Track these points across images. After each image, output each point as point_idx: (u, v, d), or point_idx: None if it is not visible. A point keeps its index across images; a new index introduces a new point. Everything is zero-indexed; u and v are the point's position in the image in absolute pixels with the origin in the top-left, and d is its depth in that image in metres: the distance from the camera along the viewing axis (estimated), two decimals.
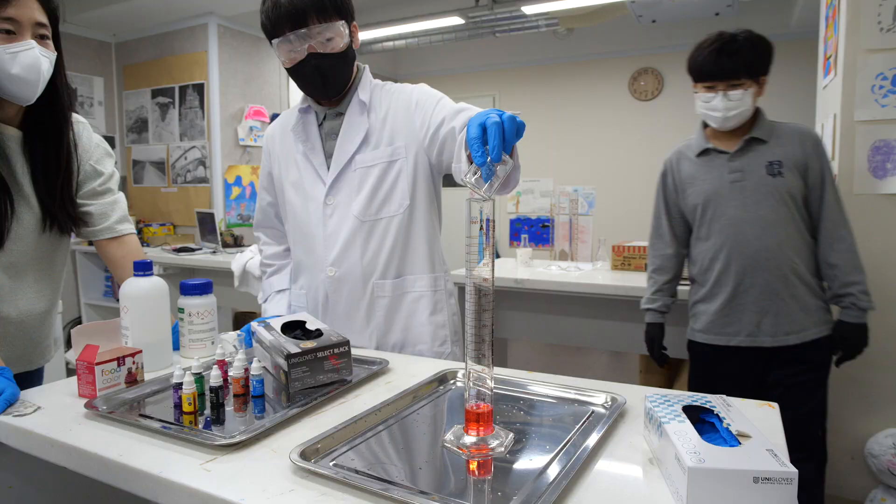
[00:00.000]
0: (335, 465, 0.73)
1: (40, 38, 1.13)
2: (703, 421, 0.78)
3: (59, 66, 1.20)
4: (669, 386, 2.86)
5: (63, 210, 1.22)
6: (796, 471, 0.60)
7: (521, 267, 2.82)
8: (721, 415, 0.74)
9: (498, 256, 5.85)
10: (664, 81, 4.97)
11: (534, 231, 5.94)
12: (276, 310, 1.41)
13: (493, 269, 0.79)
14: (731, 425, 0.70)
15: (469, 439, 0.78)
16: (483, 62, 5.71)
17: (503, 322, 2.82)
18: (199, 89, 4.13)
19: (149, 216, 4.51)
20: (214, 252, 3.64)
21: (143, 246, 4.07)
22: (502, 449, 0.78)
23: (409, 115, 1.29)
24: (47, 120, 1.20)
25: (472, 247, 0.80)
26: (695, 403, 0.78)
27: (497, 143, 0.75)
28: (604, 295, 2.32)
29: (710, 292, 1.73)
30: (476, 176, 0.77)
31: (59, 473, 0.83)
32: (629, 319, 2.44)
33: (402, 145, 1.29)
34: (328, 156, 1.31)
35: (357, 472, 0.71)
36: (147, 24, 4.27)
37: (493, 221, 0.79)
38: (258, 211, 1.50)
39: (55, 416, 0.90)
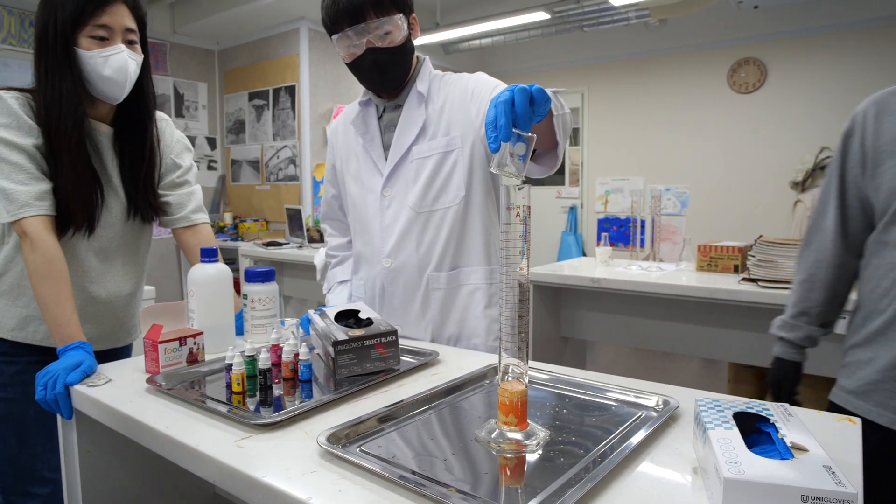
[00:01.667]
0: (361, 450, 0.73)
1: (129, 43, 1.22)
2: (761, 431, 0.70)
3: (145, 68, 1.28)
4: (761, 398, 2.65)
5: (145, 200, 1.31)
6: (856, 492, 0.52)
7: (600, 266, 2.72)
8: (777, 424, 0.66)
9: (584, 255, 5.70)
10: (767, 72, 4.62)
11: (623, 231, 5.73)
12: (337, 300, 1.44)
13: (527, 259, 0.76)
14: (787, 437, 0.63)
15: (501, 434, 0.76)
16: (571, 58, 5.57)
17: (580, 323, 2.73)
18: (291, 91, 4.34)
19: (244, 212, 4.80)
20: (301, 247, 3.81)
21: (238, 240, 4.33)
22: (535, 446, 0.74)
23: (465, 104, 1.28)
24: (134, 117, 1.30)
25: (509, 234, 0.77)
26: (750, 410, 0.70)
27: (504, 121, 0.71)
28: (686, 297, 2.18)
29: (886, 332, 1.08)
30: (498, 163, 0.74)
31: (127, 441, 0.89)
32: (714, 324, 2.28)
33: (459, 135, 1.28)
34: (386, 148, 1.33)
35: (381, 459, 0.71)
36: (245, 32, 4.55)
37: (529, 208, 0.75)
38: (323, 203, 1.55)
39: (121, 389, 0.96)
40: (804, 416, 0.83)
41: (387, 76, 1.27)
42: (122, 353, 1.39)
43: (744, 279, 2.10)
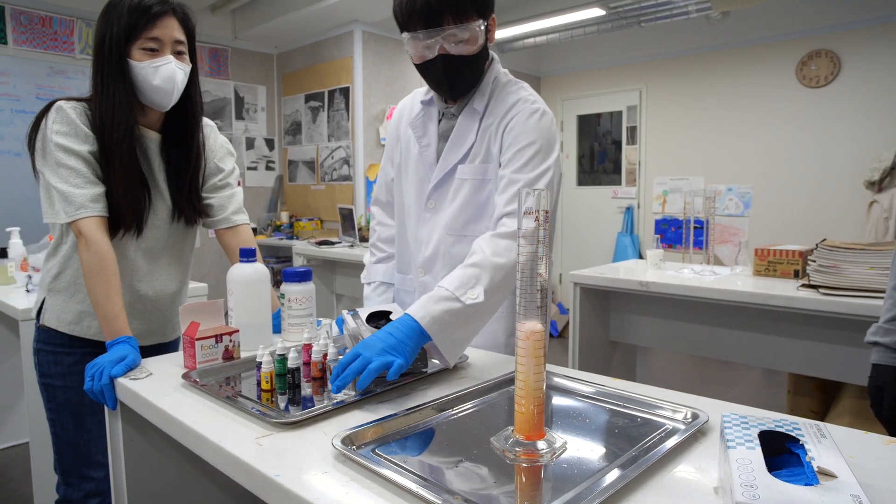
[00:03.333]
0: (375, 453, 0.74)
1: (178, 54, 1.28)
2: (792, 452, 0.66)
3: (192, 77, 1.34)
4: (824, 413, 2.49)
5: (189, 203, 1.37)
6: None
7: (651, 269, 2.63)
8: (807, 446, 0.62)
9: (640, 257, 5.53)
10: (841, 64, 4.34)
11: (681, 232, 5.54)
12: (376, 300, 1.44)
13: (546, 264, 0.74)
14: (815, 460, 0.59)
15: (516, 443, 0.74)
16: (628, 54, 5.42)
17: (630, 327, 2.65)
18: (346, 93, 4.43)
19: (300, 212, 4.93)
20: (352, 246, 3.88)
21: (293, 239, 4.46)
22: (550, 456, 0.73)
23: (500, 135, 1.22)
24: (181, 124, 1.36)
25: (525, 240, 0.75)
26: (779, 429, 0.66)
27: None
28: (739, 303, 2.08)
29: None
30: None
31: (166, 433, 0.94)
32: (771, 332, 2.17)
33: (494, 166, 1.23)
34: (439, 156, 1.29)
35: (392, 462, 0.71)
36: (302, 35, 4.67)
37: (548, 213, 0.74)
38: (380, 186, 1.48)
39: (160, 382, 1.01)
40: (848, 437, 0.78)
41: (455, 86, 1.21)
42: (169, 347, 1.45)
43: (803, 285, 1.99)
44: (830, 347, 2.04)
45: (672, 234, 5.55)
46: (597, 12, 4.38)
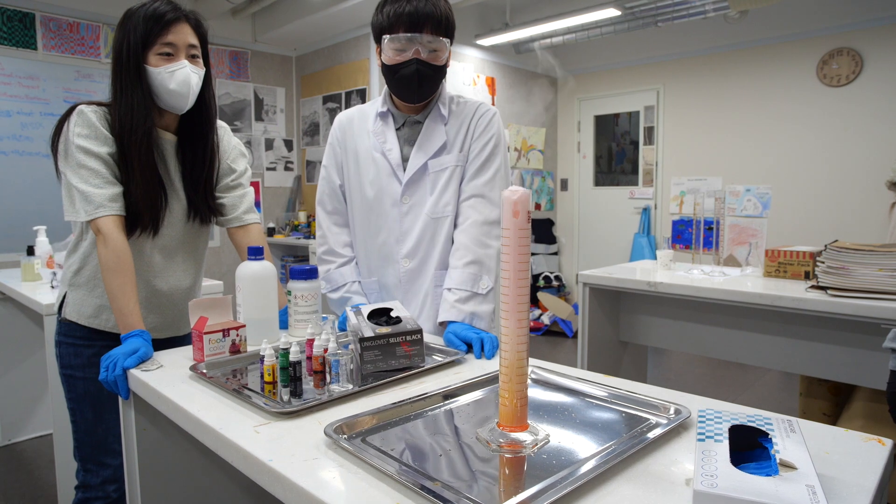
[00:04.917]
0: (364, 442, 0.77)
1: (192, 58, 1.33)
2: (763, 446, 0.68)
3: (207, 81, 1.39)
4: (836, 416, 2.47)
5: (204, 203, 1.42)
6: None
7: (661, 269, 2.63)
8: (775, 440, 0.64)
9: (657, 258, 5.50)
10: (863, 62, 4.27)
11: (697, 233, 5.49)
12: (360, 299, 1.49)
13: (528, 263, 0.77)
14: (780, 453, 0.61)
15: (499, 434, 0.78)
16: (645, 54, 5.39)
17: (639, 328, 2.66)
18: (362, 94, 4.49)
19: None
20: None
21: (308, 238, 4.53)
22: (532, 447, 0.76)
23: (470, 135, 1.44)
24: (196, 126, 1.41)
25: (510, 240, 0.78)
26: (751, 423, 0.69)
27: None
28: (747, 304, 2.07)
29: None
30: None
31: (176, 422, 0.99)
32: (781, 334, 2.16)
33: (464, 155, 1.44)
34: (404, 159, 1.43)
35: (379, 450, 0.74)
36: (321, 38, 4.74)
37: (530, 213, 0.77)
38: (329, 193, 1.52)
39: (169, 374, 1.06)
40: (829, 433, 0.79)
41: (423, 88, 1.36)
42: (183, 341, 1.51)
43: (812, 287, 1.98)
44: (841, 349, 2.03)
45: (689, 234, 5.52)
46: (612, 13, 4.37)
